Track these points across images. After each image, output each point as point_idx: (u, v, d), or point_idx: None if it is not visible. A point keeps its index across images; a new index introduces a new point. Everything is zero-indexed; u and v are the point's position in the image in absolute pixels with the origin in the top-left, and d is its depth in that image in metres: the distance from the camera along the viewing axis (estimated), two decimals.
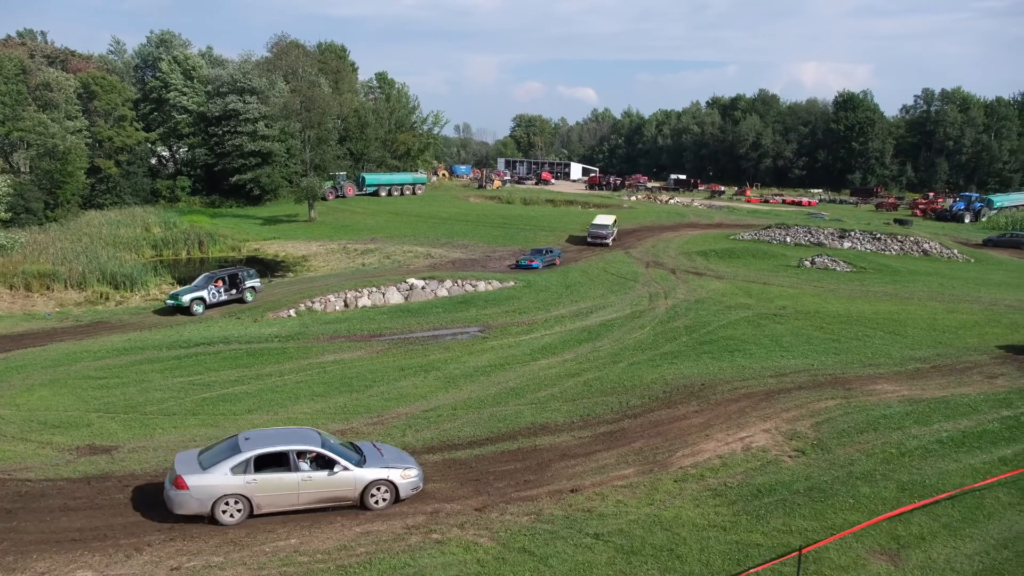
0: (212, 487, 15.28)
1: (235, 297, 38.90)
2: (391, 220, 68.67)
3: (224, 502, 15.39)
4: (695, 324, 33.74)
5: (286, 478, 15.74)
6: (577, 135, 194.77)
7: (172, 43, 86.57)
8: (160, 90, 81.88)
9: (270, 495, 15.68)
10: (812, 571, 13.77)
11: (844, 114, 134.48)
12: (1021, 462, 19.04)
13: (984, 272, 51.31)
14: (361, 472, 16.23)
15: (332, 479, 16.01)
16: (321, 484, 15.94)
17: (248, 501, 15.56)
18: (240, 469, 15.51)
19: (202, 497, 15.23)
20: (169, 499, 15.37)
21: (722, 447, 19.82)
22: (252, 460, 15.61)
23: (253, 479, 15.52)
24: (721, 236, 62.26)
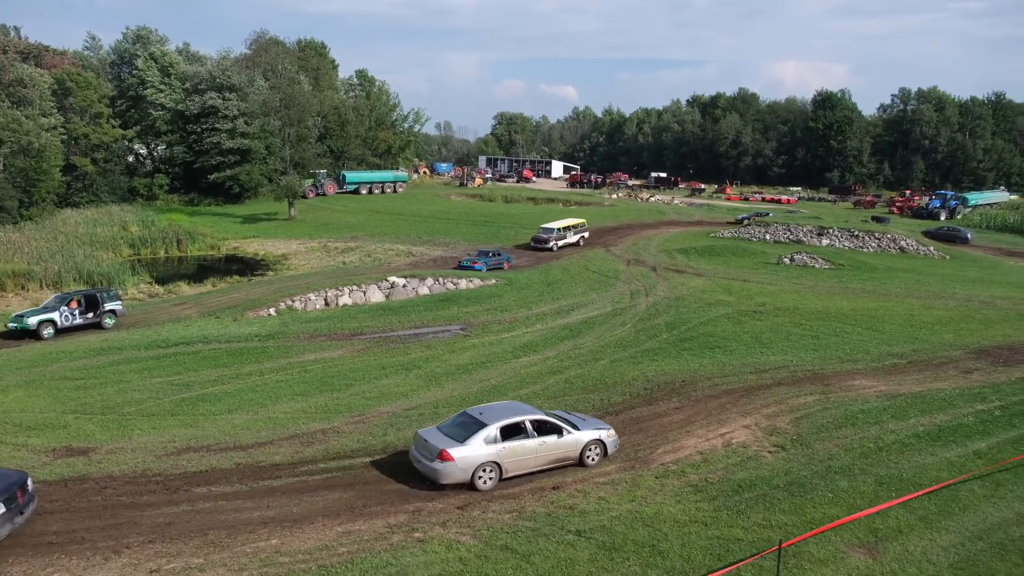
0: (472, 457, 17.13)
1: (92, 321, 33.51)
2: (372, 218, 68.45)
3: (482, 469, 17.31)
4: (676, 321, 33.90)
5: (527, 444, 17.86)
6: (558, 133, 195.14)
7: (149, 39, 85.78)
8: (137, 87, 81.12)
9: (516, 460, 17.71)
10: (792, 565, 13.89)
11: (822, 113, 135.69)
12: (995, 455, 19.32)
13: (959, 269, 51.96)
14: (579, 434, 18.56)
15: (561, 442, 18.22)
16: (553, 447, 18.16)
17: (499, 467, 17.48)
18: (492, 439, 17.47)
19: (465, 467, 17.07)
20: (435, 471, 16.99)
21: (703, 443, 19.93)
22: (499, 431, 17.60)
23: (503, 447, 17.51)
24: (701, 234, 62.60)
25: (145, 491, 16.99)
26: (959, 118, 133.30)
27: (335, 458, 19.13)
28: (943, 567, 14.13)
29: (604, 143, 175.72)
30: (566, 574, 13.63)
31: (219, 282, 45.37)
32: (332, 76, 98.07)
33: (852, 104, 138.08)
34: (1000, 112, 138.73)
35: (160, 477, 17.79)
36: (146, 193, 78.77)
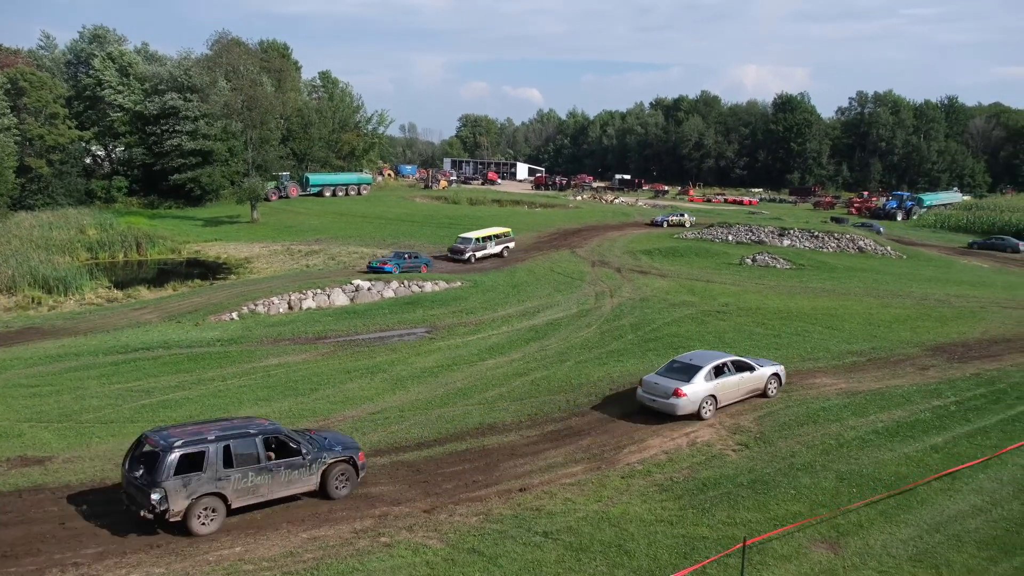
0: (698, 392, 21.13)
1: None
2: (336, 221, 67.95)
3: (705, 401, 21.26)
4: (640, 322, 34.14)
5: (732, 379, 22.00)
6: (523, 135, 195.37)
7: (106, 39, 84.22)
8: (94, 87, 79.56)
9: (725, 392, 21.86)
10: (756, 562, 14.05)
11: (783, 115, 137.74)
12: (951, 449, 19.76)
13: (915, 268, 53.04)
14: (763, 370, 23.11)
15: (753, 376, 22.65)
16: (748, 380, 22.48)
17: (715, 399, 21.55)
18: (709, 377, 21.44)
19: (694, 400, 21.09)
20: (673, 406, 20.97)
21: (668, 443, 20.09)
22: (712, 370, 21.52)
23: (717, 383, 21.53)
24: (665, 235, 63.14)
25: (104, 500, 16.65)
26: (914, 121, 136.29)
27: None
28: (902, 560, 14.41)
29: (569, 145, 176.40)
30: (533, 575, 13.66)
31: (180, 286, 44.69)
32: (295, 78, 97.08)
33: (811, 107, 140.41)
34: (953, 115, 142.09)
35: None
36: (104, 196, 77.29)
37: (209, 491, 14.87)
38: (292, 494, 16.28)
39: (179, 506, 14.56)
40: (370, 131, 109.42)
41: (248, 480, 15.31)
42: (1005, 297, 42.62)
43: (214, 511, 15.01)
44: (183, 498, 14.58)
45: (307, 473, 16.19)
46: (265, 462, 15.66)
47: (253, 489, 15.47)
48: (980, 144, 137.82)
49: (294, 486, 16.14)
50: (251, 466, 15.39)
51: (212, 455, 14.97)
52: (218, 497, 15.02)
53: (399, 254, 47.76)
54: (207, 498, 14.88)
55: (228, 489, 15.11)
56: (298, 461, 16.10)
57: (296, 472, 16.01)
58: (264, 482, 15.58)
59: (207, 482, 14.82)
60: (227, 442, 15.26)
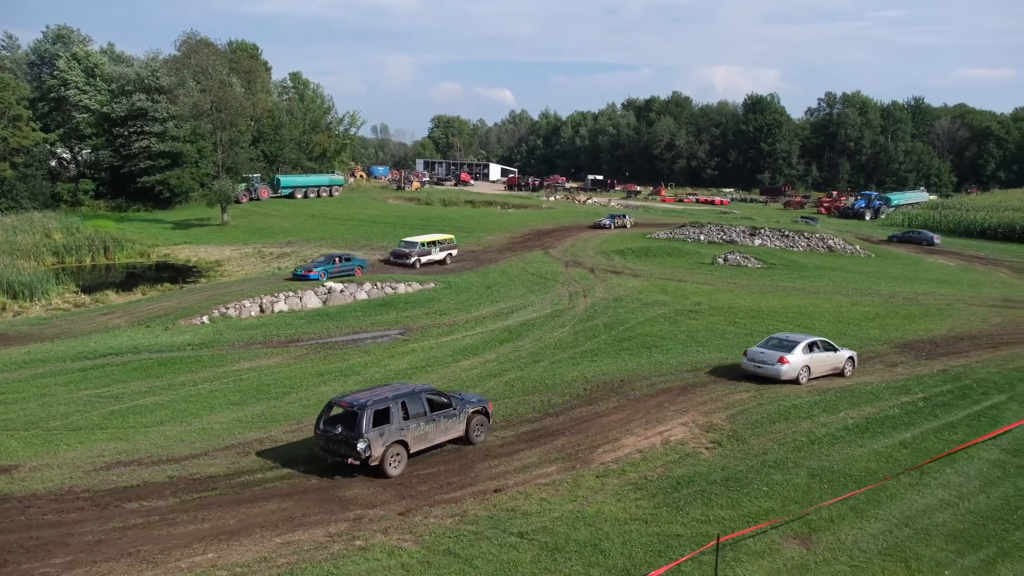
0: (797, 362, 24.87)
1: None
2: (308, 223, 67.49)
3: (803, 369, 24.98)
4: (614, 322, 34.28)
5: (821, 355, 25.57)
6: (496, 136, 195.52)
7: (71, 39, 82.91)
8: (59, 88, 78.27)
9: (816, 365, 25.42)
10: (730, 559, 14.17)
11: (753, 116, 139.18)
12: (919, 444, 20.07)
13: (884, 267, 53.80)
14: (842, 352, 26.29)
15: (835, 356, 25.97)
16: (832, 359, 25.92)
17: (809, 369, 25.17)
18: (806, 351, 25.18)
19: (794, 367, 24.77)
20: (778, 371, 24.76)
21: (642, 441, 20.20)
22: (807, 345, 25.27)
23: (810, 356, 25.24)
24: (638, 235, 63.46)
25: (72, 508, 16.40)
26: (881, 121, 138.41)
27: (273, 468, 18.79)
28: (873, 554, 14.61)
29: (541, 146, 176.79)
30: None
31: (149, 290, 44.11)
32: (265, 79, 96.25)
33: (781, 108, 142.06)
34: (919, 116, 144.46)
35: (88, 493, 17.19)
36: (70, 199, 76.09)
37: (396, 439, 18.24)
38: (447, 439, 19.73)
39: (377, 452, 17.85)
40: (342, 132, 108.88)
41: (420, 429, 18.82)
42: (971, 295, 43.40)
43: (399, 456, 18.39)
44: (380, 446, 17.90)
45: (457, 422, 19.74)
46: (430, 414, 19.07)
47: (424, 436, 18.98)
48: (946, 144, 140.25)
49: (449, 433, 19.62)
50: (421, 418, 18.87)
51: (395, 410, 18.32)
52: (402, 444, 18.43)
53: (330, 257, 44.85)
54: (395, 445, 18.24)
55: (408, 437, 18.55)
56: (451, 412, 19.60)
57: (450, 421, 19.55)
58: (431, 430, 19.10)
59: (394, 432, 18.21)
60: (402, 400, 18.71)
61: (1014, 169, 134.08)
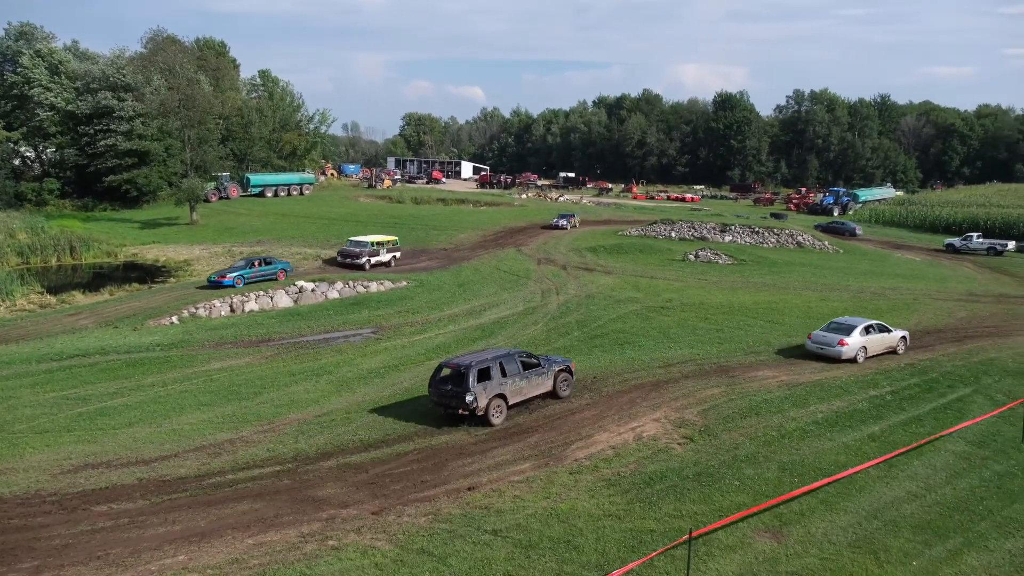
0: (855, 344, 27.40)
1: None
2: (278, 222, 66.91)
3: (860, 350, 27.44)
4: (586, 319, 34.40)
5: (876, 337, 28.12)
6: (467, 134, 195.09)
7: (34, 36, 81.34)
8: (22, 86, 76.77)
9: (872, 346, 27.90)
10: (702, 553, 14.29)
11: (723, 113, 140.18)
12: (888, 437, 20.37)
13: (852, 262, 54.52)
14: (896, 332, 28.96)
15: (889, 336, 28.55)
16: (886, 339, 28.43)
17: (865, 349, 27.57)
18: (863, 333, 27.71)
19: (853, 348, 27.28)
20: (839, 351, 27.22)
21: (615, 438, 20.29)
22: (864, 328, 27.85)
23: (867, 338, 27.76)
24: (610, 232, 63.71)
25: (40, 512, 16.16)
26: (849, 118, 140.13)
27: (244, 468, 18.64)
28: (842, 546, 14.81)
29: (513, 144, 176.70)
30: (483, 574, 13.66)
31: (117, 290, 43.44)
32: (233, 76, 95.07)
33: (750, 105, 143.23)
34: (885, 113, 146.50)
35: (56, 497, 16.95)
36: (35, 198, 74.69)
37: (497, 393, 21.41)
38: (538, 393, 22.87)
39: (482, 403, 21.00)
40: (312, 130, 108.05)
41: (516, 384, 21.97)
42: (936, 289, 44.13)
43: (500, 407, 21.56)
44: (484, 398, 21.05)
45: (546, 378, 22.99)
46: (523, 372, 22.24)
47: (519, 390, 22.13)
48: (911, 141, 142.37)
49: (539, 388, 22.83)
50: (516, 375, 22.01)
51: (495, 369, 21.48)
52: (501, 397, 21.58)
53: (249, 261, 42.16)
54: (496, 398, 21.40)
55: (506, 391, 21.70)
56: (540, 370, 22.84)
57: (540, 378, 22.78)
58: (524, 385, 22.27)
59: (495, 387, 21.36)
60: (500, 360, 21.88)
61: (978, 165, 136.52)
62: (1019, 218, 73.65)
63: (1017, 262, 56.96)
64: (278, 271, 42.24)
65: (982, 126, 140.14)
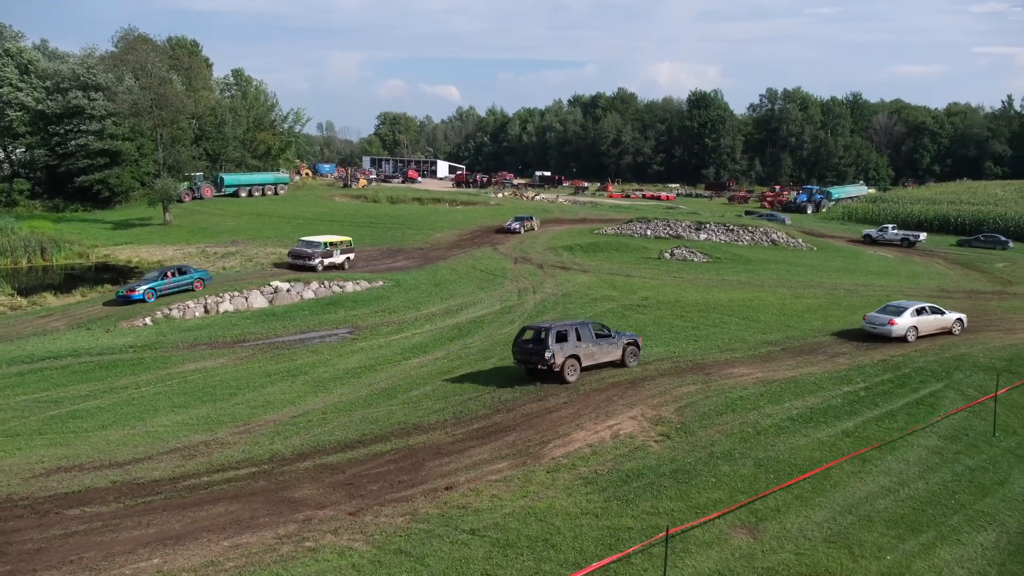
0: (904, 323, 29.99)
1: None
2: (253, 222, 66.39)
3: (911, 329, 30.02)
4: (563, 317, 34.45)
5: (929, 318, 30.64)
6: (443, 133, 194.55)
7: (2, 35, 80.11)
8: None
9: (923, 325, 30.47)
10: (680, 550, 14.37)
11: (697, 112, 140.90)
12: (861, 433, 20.61)
13: (825, 259, 55.07)
14: (950, 315, 31.59)
15: (943, 318, 31.12)
16: (939, 320, 31.03)
17: (916, 329, 30.20)
18: (914, 314, 30.37)
19: (902, 327, 29.95)
20: (887, 330, 29.91)
21: (592, 436, 20.35)
22: (915, 310, 30.50)
23: (918, 319, 30.34)
24: (585, 231, 63.87)
25: (11, 516, 15.93)
26: (821, 117, 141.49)
27: (219, 470, 18.49)
28: (817, 542, 14.96)
29: (489, 143, 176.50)
30: (460, 574, 13.65)
31: (89, 292, 42.88)
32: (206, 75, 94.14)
33: (724, 104, 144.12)
34: (857, 111, 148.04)
35: (28, 501, 16.71)
36: (4, 199, 73.53)
37: (572, 354, 24.51)
38: (608, 360, 25.71)
39: (559, 361, 24.12)
40: (286, 130, 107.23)
41: (588, 349, 25.00)
42: (909, 286, 44.68)
43: (574, 366, 24.62)
44: (561, 356, 24.13)
45: (615, 348, 25.91)
46: (595, 340, 25.29)
47: (591, 355, 25.15)
48: (883, 139, 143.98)
49: (609, 355, 25.74)
50: (590, 341, 25.05)
51: (571, 333, 24.64)
52: (576, 358, 24.64)
53: (162, 271, 39.43)
54: (571, 359, 24.47)
55: (580, 353, 24.76)
56: (611, 340, 25.89)
57: (610, 347, 25.74)
58: (596, 351, 25.28)
59: (570, 349, 24.46)
60: (576, 327, 25.02)
61: (948, 163, 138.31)
62: (988, 214, 74.78)
63: (985, 258, 57.81)
64: (194, 281, 39.35)
65: (952, 124, 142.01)
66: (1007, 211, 75.46)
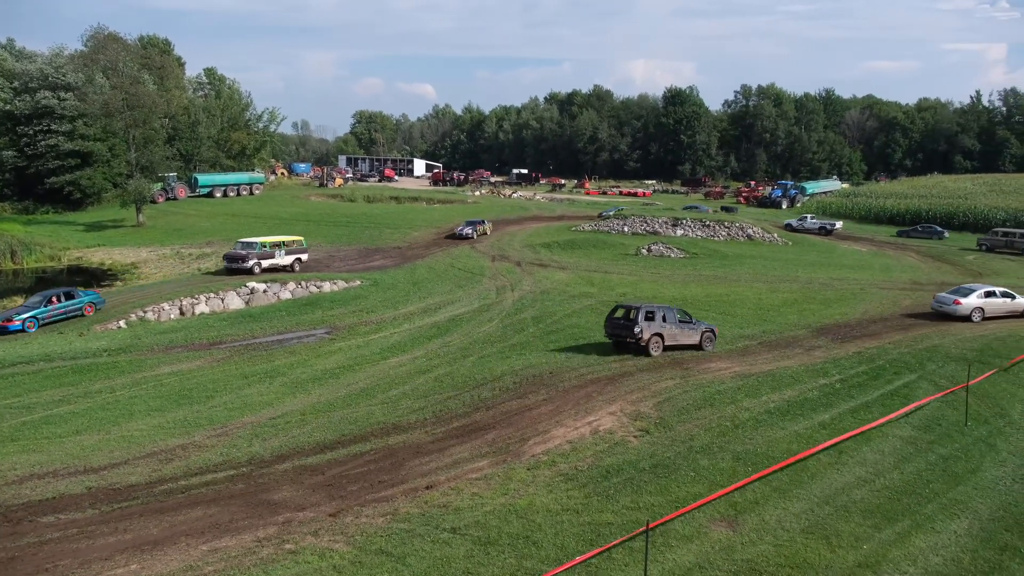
0: (969, 304, 32.60)
1: None
2: (228, 222, 65.81)
3: (976, 311, 32.59)
4: (541, 315, 34.51)
5: (998, 301, 33.13)
6: (419, 131, 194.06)
7: None
8: None
9: (991, 307, 32.76)
10: (660, 544, 14.44)
11: (673, 109, 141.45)
12: (837, 425, 20.81)
13: (800, 254, 55.56)
14: (1020, 299, 33.45)
15: (1013, 302, 33.29)
16: (1009, 304, 33.18)
17: (982, 310, 32.55)
18: (981, 296, 32.87)
19: (968, 307, 32.49)
20: (954, 309, 32.56)
21: (571, 432, 20.39)
22: (984, 293, 33.02)
23: (984, 301, 32.83)
24: (563, 228, 63.98)
25: None
26: (795, 113, 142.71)
27: (197, 474, 18.32)
28: (795, 533, 15.10)
29: (465, 141, 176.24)
30: (442, 573, 13.63)
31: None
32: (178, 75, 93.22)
33: (700, 100, 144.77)
34: (830, 107, 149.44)
35: (0, 509, 16.45)
36: None
37: (657, 332, 27.44)
38: (687, 343, 28.17)
39: (646, 336, 27.14)
40: (261, 129, 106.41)
41: (672, 330, 27.82)
42: (882, 279, 45.22)
43: (658, 343, 27.53)
44: (647, 333, 27.15)
45: (694, 333, 28.38)
46: (678, 323, 28.07)
47: (673, 336, 27.87)
48: (856, 134, 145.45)
49: (689, 339, 28.19)
50: (673, 324, 27.89)
51: (657, 314, 27.71)
52: (660, 336, 27.52)
53: (45, 296, 34.82)
54: (655, 336, 27.41)
55: (664, 332, 27.63)
56: (691, 324, 28.53)
57: (690, 331, 28.31)
58: (678, 333, 27.99)
59: (656, 327, 27.46)
60: (663, 310, 28.18)
61: (919, 157, 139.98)
62: (958, 208, 75.89)
63: (955, 250, 58.62)
64: (84, 306, 35.29)
65: (923, 119, 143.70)
66: (976, 204, 76.67)
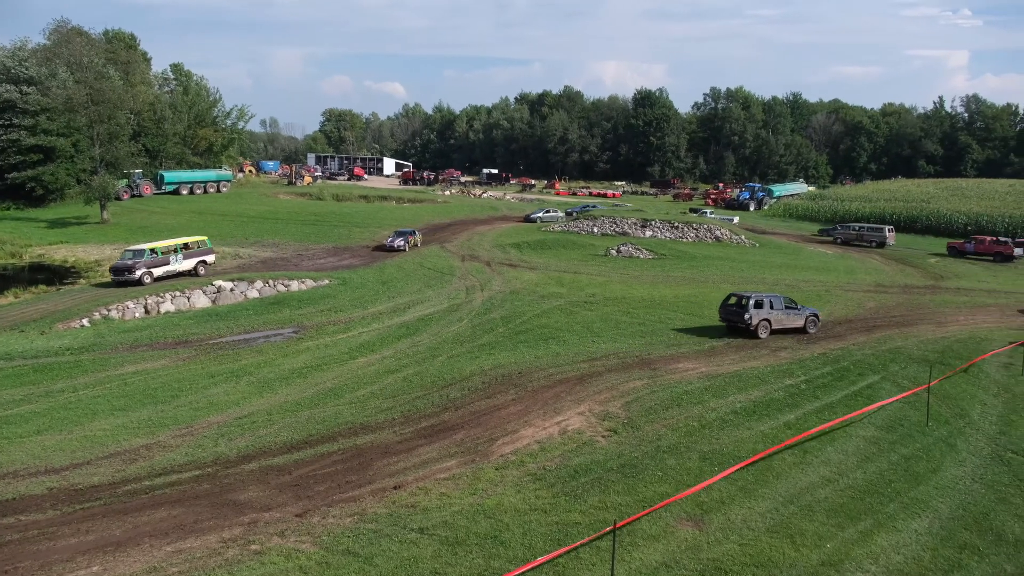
0: None
1: None
2: (194, 220, 64.98)
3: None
4: (511, 315, 34.55)
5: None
6: (389, 130, 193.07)
7: None
8: None
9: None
10: (627, 543, 14.54)
11: (642, 110, 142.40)
12: (802, 425, 21.10)
13: (767, 256, 56.21)
14: None
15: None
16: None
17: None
18: None
19: None
20: None
21: (540, 432, 20.45)
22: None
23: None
24: (533, 228, 64.11)
25: None
26: (763, 116, 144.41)
27: (161, 474, 18.10)
28: (761, 532, 15.29)
29: (436, 140, 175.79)
30: (409, 573, 13.61)
31: (22, 293, 41.51)
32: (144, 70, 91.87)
33: (669, 102, 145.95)
34: (797, 111, 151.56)
35: None
36: None
37: (765, 318, 30.41)
38: (792, 327, 31.06)
39: (755, 321, 30.16)
40: (229, 126, 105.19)
41: (778, 316, 30.79)
42: (846, 281, 45.90)
43: (766, 327, 30.43)
44: (756, 319, 30.20)
45: (799, 317, 31.30)
46: (784, 309, 30.99)
47: (780, 320, 30.81)
48: (822, 138, 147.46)
49: (794, 323, 31.14)
50: (780, 309, 30.87)
51: (765, 302, 30.67)
52: (767, 321, 30.45)
53: None
54: (763, 321, 30.34)
55: (771, 317, 30.62)
56: (797, 310, 31.44)
57: (795, 316, 31.25)
58: (784, 318, 30.90)
59: (764, 313, 30.44)
60: (771, 298, 31.10)
61: (883, 161, 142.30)
62: (921, 211, 77.35)
63: (919, 253, 59.68)
64: None
65: (887, 124, 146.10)
66: (939, 208, 78.15)
